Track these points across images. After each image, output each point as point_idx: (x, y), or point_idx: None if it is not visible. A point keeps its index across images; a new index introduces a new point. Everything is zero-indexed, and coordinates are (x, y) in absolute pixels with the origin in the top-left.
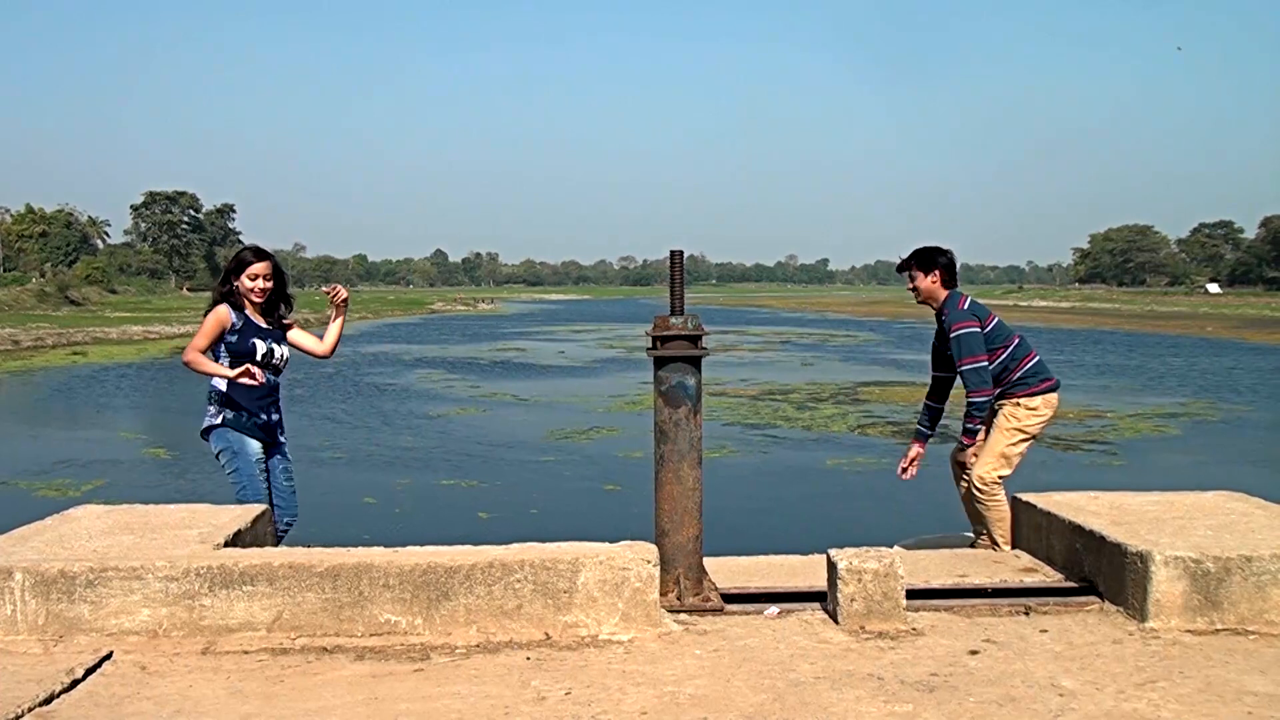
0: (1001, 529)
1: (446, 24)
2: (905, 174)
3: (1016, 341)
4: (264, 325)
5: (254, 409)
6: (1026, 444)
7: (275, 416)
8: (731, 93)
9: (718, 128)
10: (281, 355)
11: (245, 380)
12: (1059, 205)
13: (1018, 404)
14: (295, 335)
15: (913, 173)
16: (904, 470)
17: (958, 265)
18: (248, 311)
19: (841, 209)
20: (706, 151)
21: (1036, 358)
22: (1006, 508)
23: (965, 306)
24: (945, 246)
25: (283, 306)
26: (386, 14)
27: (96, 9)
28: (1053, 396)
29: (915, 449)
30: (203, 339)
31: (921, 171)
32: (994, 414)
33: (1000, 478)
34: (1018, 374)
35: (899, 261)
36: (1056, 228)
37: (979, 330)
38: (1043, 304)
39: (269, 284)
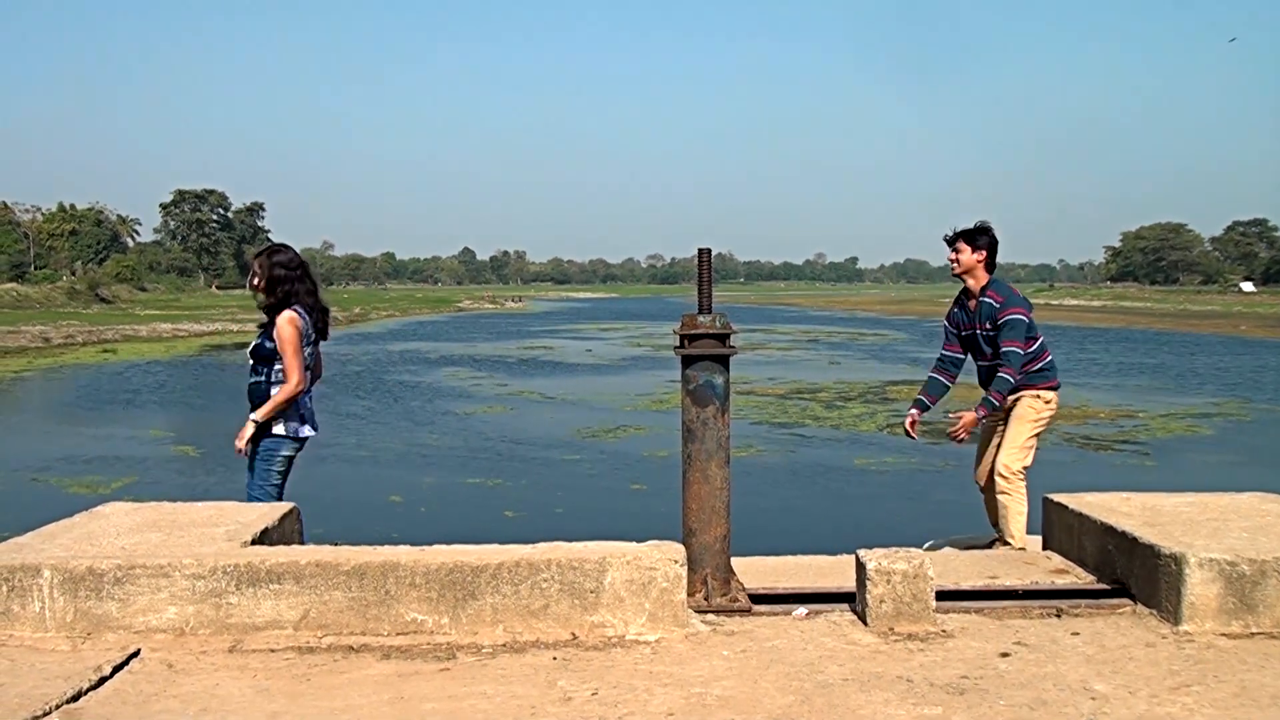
0: (1019, 522)
1: (476, 24)
2: (935, 172)
3: (1042, 339)
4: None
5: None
6: (1040, 435)
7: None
8: (759, 91)
9: (746, 126)
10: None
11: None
12: (1090, 203)
13: (1037, 395)
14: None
15: (942, 171)
16: (912, 426)
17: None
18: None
19: (870, 207)
20: (734, 150)
21: (1050, 355)
22: (1026, 502)
23: (1020, 294)
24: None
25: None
26: (415, 14)
27: (129, 7)
28: (1057, 395)
29: (914, 414)
30: None
31: (951, 169)
32: (1012, 406)
33: (1024, 468)
34: (1037, 365)
35: (947, 237)
36: (1088, 226)
37: (1027, 320)
38: (1074, 302)
39: (255, 282)
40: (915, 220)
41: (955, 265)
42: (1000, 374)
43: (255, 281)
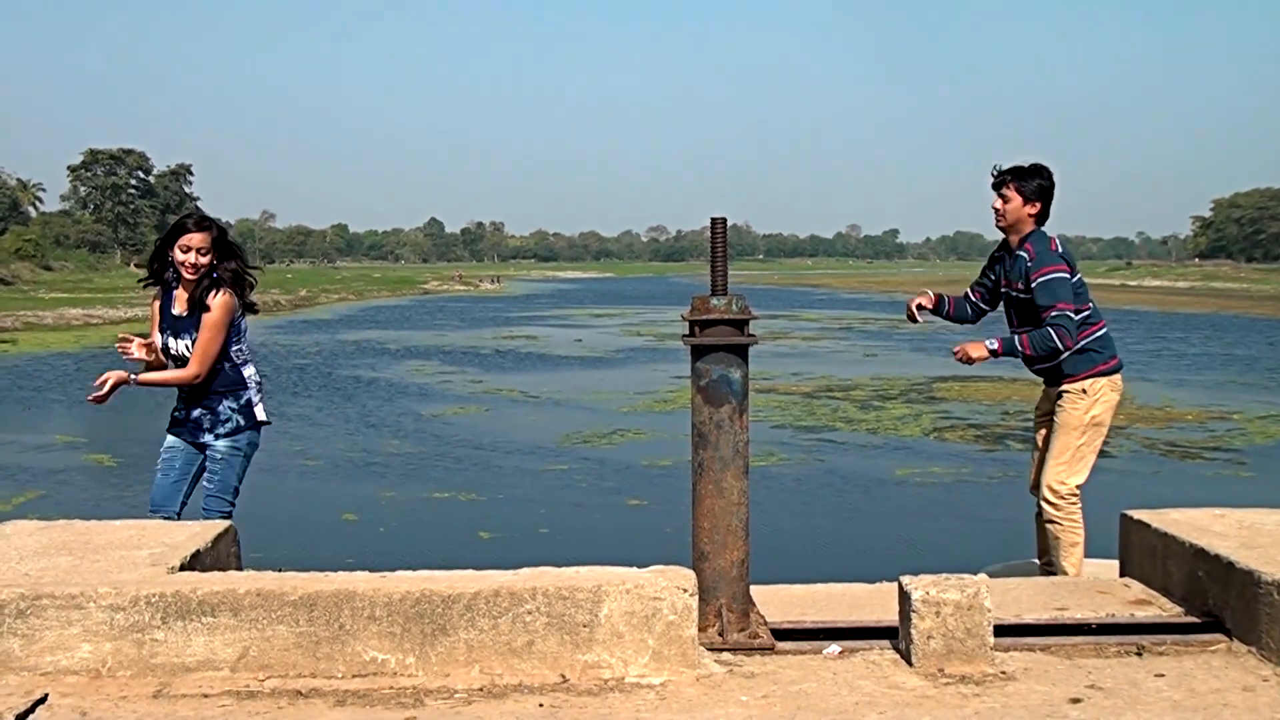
0: (1074, 556)
1: None
2: (989, 130)
3: (1092, 307)
4: (179, 312)
5: (175, 400)
6: (1100, 438)
7: (196, 411)
8: (780, 33)
9: (764, 74)
10: (183, 348)
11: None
12: (1176, 165)
13: (1084, 391)
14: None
15: (998, 129)
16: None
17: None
18: (175, 292)
19: (914, 171)
20: (750, 102)
21: (1106, 328)
22: (1082, 529)
23: (1058, 250)
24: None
25: (245, 288)
26: None
27: None
28: (1118, 378)
29: (927, 297)
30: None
31: (1008, 126)
32: (1054, 404)
33: (1077, 487)
34: (1085, 340)
35: (994, 175)
36: (1172, 192)
37: (1069, 277)
38: (1155, 283)
39: (203, 259)
40: (966, 186)
41: (1001, 217)
42: (1049, 330)
43: (199, 259)
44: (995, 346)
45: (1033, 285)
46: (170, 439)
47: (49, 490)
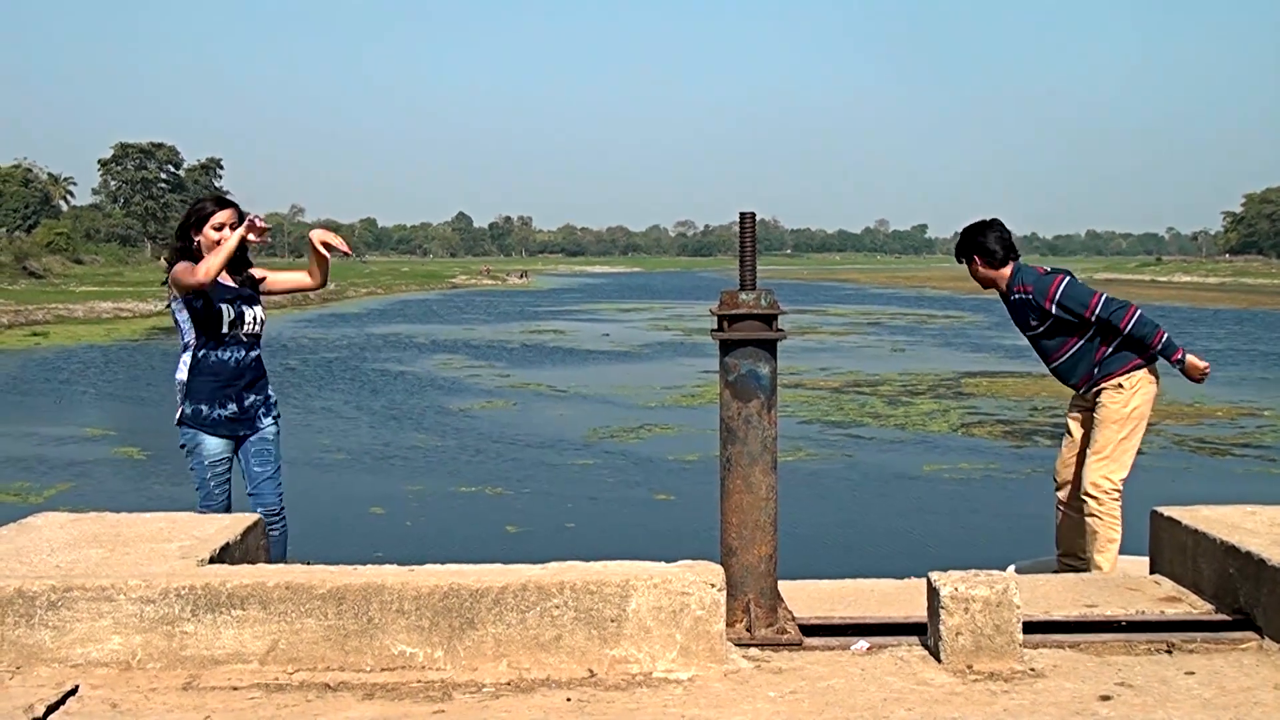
0: (1109, 553)
1: None
2: (1019, 124)
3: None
4: (231, 284)
5: (220, 397)
6: (1141, 431)
7: (251, 398)
8: (808, 29)
9: (792, 69)
10: (255, 318)
11: (254, 235)
12: (1206, 161)
13: (1120, 385)
14: (278, 279)
15: (1027, 123)
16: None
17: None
18: None
19: (943, 166)
20: (779, 97)
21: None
22: (1120, 526)
23: (1046, 271)
24: (990, 219)
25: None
26: None
27: None
28: (1155, 366)
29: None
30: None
31: (1038, 122)
32: (1093, 404)
33: (1120, 483)
34: (1110, 345)
35: (958, 248)
36: (1203, 187)
37: (1074, 278)
38: (1186, 279)
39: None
40: (996, 182)
41: (980, 282)
42: (1135, 325)
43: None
44: (1180, 353)
45: (1053, 311)
46: (214, 444)
47: (79, 483)
